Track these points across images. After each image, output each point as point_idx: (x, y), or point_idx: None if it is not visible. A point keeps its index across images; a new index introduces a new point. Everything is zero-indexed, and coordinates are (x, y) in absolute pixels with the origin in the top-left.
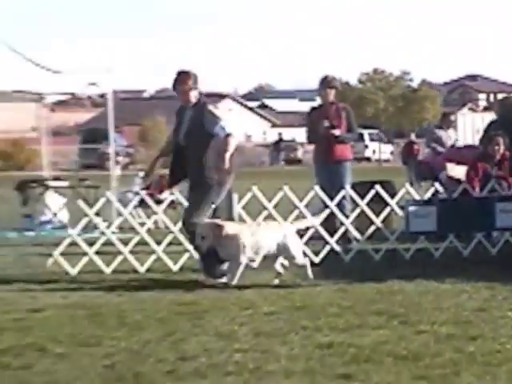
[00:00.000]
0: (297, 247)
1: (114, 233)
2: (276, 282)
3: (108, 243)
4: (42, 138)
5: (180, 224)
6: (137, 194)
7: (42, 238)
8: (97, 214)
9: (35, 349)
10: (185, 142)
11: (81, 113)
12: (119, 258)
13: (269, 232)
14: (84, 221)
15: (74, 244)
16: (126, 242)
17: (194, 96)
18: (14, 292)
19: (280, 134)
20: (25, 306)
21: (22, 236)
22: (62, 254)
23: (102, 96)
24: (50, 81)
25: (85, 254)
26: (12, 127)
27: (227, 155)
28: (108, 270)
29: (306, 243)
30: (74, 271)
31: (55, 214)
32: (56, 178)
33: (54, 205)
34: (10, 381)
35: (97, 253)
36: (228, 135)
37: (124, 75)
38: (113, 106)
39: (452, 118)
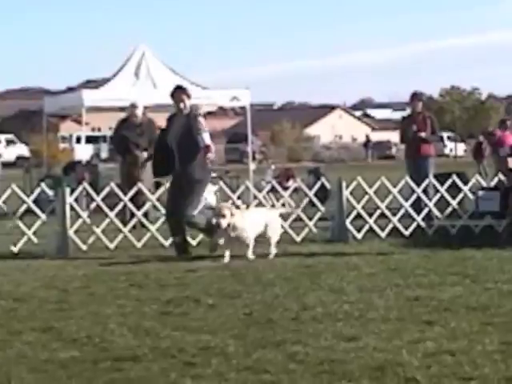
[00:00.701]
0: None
1: None
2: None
3: None
4: None
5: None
6: (268, 182)
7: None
8: (238, 198)
9: (191, 300)
10: (176, 143)
11: (226, 120)
12: None
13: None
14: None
15: None
16: None
17: (186, 107)
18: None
19: (367, 136)
20: (183, 268)
21: None
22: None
23: (242, 108)
24: (201, 95)
25: None
26: None
27: (211, 157)
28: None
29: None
30: (221, 241)
31: (206, 198)
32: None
33: (206, 191)
34: (172, 325)
35: None
36: (206, 146)
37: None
38: (250, 115)
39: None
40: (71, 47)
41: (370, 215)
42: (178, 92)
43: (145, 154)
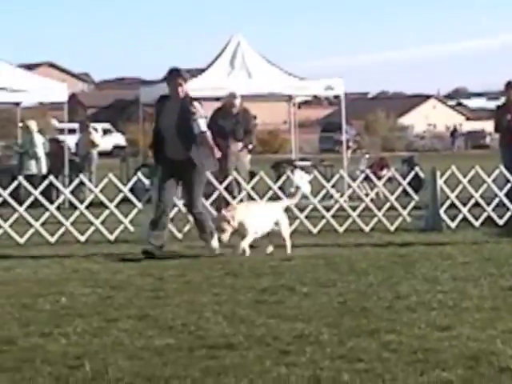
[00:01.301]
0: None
1: (345, 201)
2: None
3: (340, 209)
4: (291, 129)
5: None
6: (362, 171)
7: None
8: (332, 187)
9: (286, 289)
10: (171, 130)
11: (320, 110)
12: (349, 221)
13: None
14: (323, 192)
15: (314, 209)
16: (354, 208)
17: (182, 91)
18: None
19: (455, 125)
20: (278, 256)
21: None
22: (306, 217)
23: (337, 97)
24: (297, 85)
25: (322, 217)
26: (269, 121)
27: (210, 142)
28: (341, 230)
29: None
30: (314, 230)
31: (299, 187)
32: (302, 159)
33: (300, 179)
34: (267, 313)
35: (333, 216)
36: (202, 132)
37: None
38: (344, 104)
39: None
40: (167, 37)
41: (464, 204)
42: (175, 76)
43: (240, 144)
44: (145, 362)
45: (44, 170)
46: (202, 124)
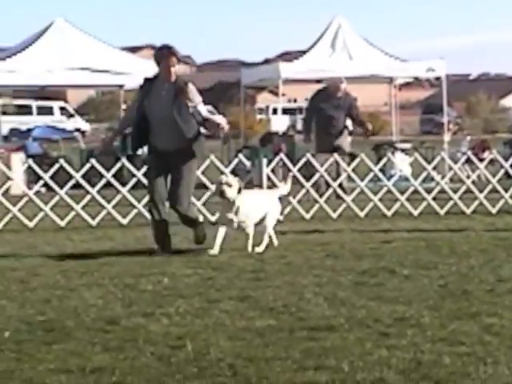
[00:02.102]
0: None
1: (446, 183)
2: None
3: (441, 191)
4: (392, 111)
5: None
6: (464, 153)
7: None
8: (433, 169)
9: (386, 271)
10: (162, 117)
11: (421, 91)
12: (450, 203)
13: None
14: (423, 174)
15: (415, 192)
16: (455, 191)
17: (175, 72)
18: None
19: None
20: (378, 238)
21: (376, 186)
22: (407, 199)
23: (438, 79)
24: (398, 67)
25: (423, 199)
26: (369, 103)
27: (216, 119)
28: (442, 212)
29: None
30: (415, 212)
31: (401, 169)
32: (402, 141)
33: (401, 162)
34: (367, 295)
35: (434, 199)
36: (205, 119)
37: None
38: (446, 86)
39: None
40: (268, 19)
41: None
42: (167, 54)
43: (340, 126)
44: (246, 342)
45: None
46: (204, 109)
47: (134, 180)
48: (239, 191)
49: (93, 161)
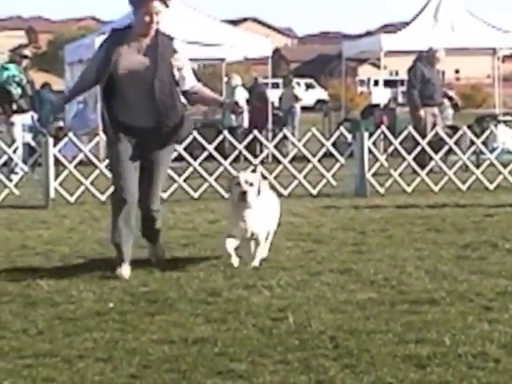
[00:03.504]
0: None
1: None
2: None
3: None
4: (495, 83)
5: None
6: None
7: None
8: None
9: (489, 244)
10: (145, 84)
11: None
12: None
13: None
14: None
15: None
16: None
17: (157, 23)
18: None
19: None
20: (481, 212)
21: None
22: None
23: None
24: (501, 38)
25: (500, 173)
26: (472, 75)
27: (210, 93)
28: None
29: None
30: (491, 186)
31: (503, 142)
32: (506, 114)
33: (503, 134)
34: (469, 269)
35: None
36: (194, 93)
37: None
38: None
39: None
40: None
41: None
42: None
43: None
44: (347, 315)
45: (245, 124)
46: (191, 77)
47: (235, 152)
48: (259, 192)
49: (194, 133)
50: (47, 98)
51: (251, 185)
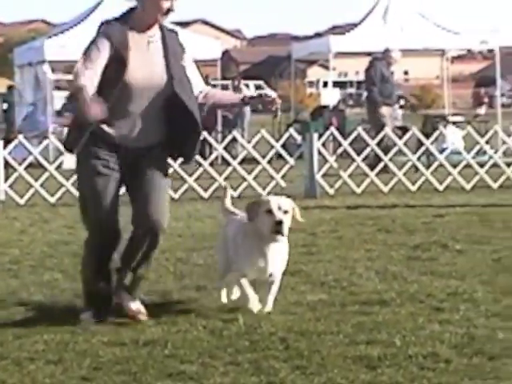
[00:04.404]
0: None
1: (499, 157)
2: None
3: (494, 165)
4: (444, 84)
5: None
6: None
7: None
8: (486, 142)
9: (439, 245)
10: (155, 90)
11: (473, 64)
12: (503, 177)
13: None
14: (476, 147)
15: (468, 166)
16: (508, 164)
17: (166, 15)
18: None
19: None
20: (431, 213)
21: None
22: (459, 173)
23: (491, 51)
24: (450, 39)
25: (476, 173)
26: (421, 75)
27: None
28: (495, 186)
29: None
30: (468, 186)
31: (453, 143)
32: (454, 115)
33: (452, 135)
34: (420, 270)
35: (486, 172)
36: (204, 96)
37: (508, 34)
38: (499, 59)
39: None
40: None
41: None
42: None
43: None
44: (298, 316)
45: None
46: (200, 80)
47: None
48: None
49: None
50: (12, 101)
51: (285, 212)
